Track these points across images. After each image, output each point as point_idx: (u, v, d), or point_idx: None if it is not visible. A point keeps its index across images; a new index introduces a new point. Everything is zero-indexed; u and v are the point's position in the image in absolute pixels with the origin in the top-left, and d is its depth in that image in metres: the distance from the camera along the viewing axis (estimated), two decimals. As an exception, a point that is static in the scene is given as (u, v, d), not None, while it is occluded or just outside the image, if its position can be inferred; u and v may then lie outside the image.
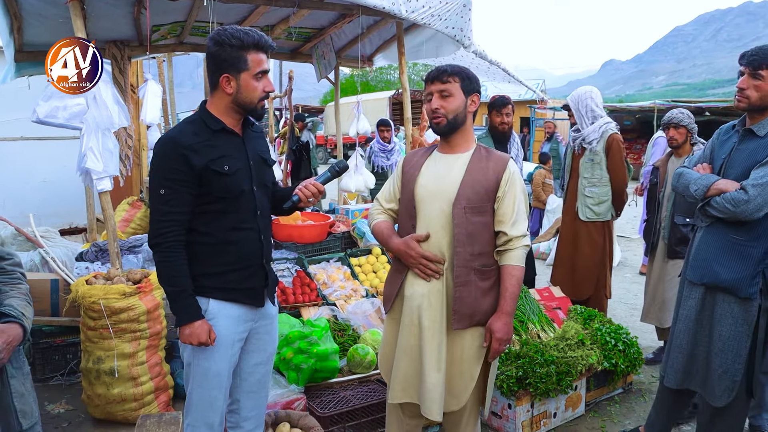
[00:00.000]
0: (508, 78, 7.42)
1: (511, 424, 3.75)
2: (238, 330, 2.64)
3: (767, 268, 2.97)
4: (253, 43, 2.46)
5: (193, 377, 2.62)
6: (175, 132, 2.53)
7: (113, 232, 4.20)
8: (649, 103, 19.79)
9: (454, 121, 2.71)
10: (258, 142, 2.73)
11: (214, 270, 2.56)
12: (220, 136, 2.54)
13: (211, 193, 2.49)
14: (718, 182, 3.00)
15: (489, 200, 2.68)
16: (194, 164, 2.43)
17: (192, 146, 2.44)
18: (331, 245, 5.55)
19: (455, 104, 2.69)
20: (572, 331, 4.18)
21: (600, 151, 4.81)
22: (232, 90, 2.49)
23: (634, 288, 7.35)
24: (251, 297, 2.66)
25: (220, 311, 2.57)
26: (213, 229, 2.54)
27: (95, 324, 3.74)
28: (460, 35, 5.29)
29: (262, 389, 2.86)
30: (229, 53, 2.45)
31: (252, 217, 2.63)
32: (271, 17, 5.81)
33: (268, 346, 2.83)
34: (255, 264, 2.66)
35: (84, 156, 4.05)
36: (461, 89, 2.70)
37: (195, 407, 2.63)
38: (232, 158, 2.54)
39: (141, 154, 7.37)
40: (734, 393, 3.03)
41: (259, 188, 2.66)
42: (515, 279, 2.68)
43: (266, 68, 2.53)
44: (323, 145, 28.18)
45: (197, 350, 2.57)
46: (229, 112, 2.56)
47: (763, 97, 2.92)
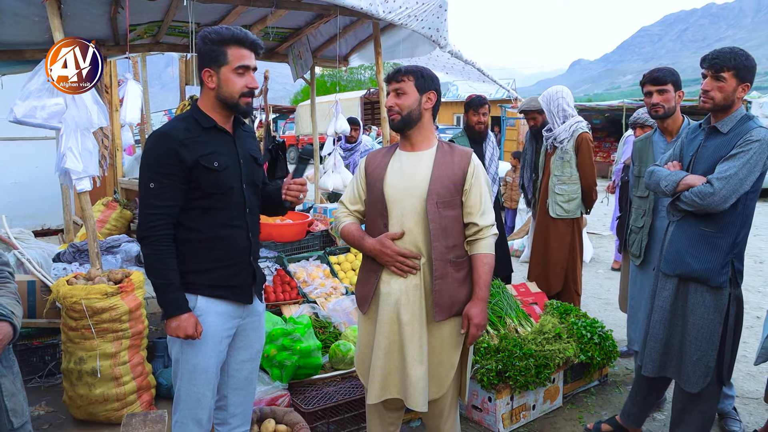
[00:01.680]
0: (482, 78, 7.51)
1: (492, 416, 3.82)
2: (226, 327, 2.67)
3: (735, 257, 3.12)
4: (232, 37, 2.51)
5: (182, 374, 2.65)
6: (167, 127, 2.58)
7: (93, 233, 4.19)
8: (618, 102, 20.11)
9: (408, 117, 2.79)
10: (248, 141, 2.77)
11: (202, 266, 2.59)
12: (211, 133, 2.58)
13: (201, 189, 2.52)
14: (687, 178, 3.13)
15: (457, 194, 2.78)
16: (184, 159, 2.47)
17: (183, 141, 2.48)
18: (310, 244, 5.59)
19: (409, 101, 2.78)
20: (549, 325, 4.28)
21: (570, 149, 4.92)
22: (214, 85, 2.55)
23: (607, 284, 7.50)
24: (239, 294, 2.69)
25: (208, 308, 2.60)
26: (202, 225, 2.57)
27: (77, 324, 3.73)
28: (436, 35, 5.35)
29: (249, 386, 2.89)
30: (210, 48, 2.51)
31: (241, 214, 2.66)
32: (248, 17, 5.81)
33: (255, 343, 2.86)
34: (243, 261, 2.69)
35: (63, 156, 4.03)
36: (415, 87, 2.79)
37: (183, 403, 2.66)
38: (222, 155, 2.58)
39: (115, 154, 7.30)
40: (708, 379, 3.16)
41: (249, 186, 2.69)
42: (488, 266, 2.79)
43: (248, 63, 2.55)
44: (295, 144, 28.12)
45: (185, 346, 2.59)
46: (216, 109, 2.60)
47: (726, 97, 3.06)
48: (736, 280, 3.15)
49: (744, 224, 3.12)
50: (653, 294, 3.40)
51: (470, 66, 6.73)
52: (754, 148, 2.97)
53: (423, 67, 2.86)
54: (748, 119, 3.09)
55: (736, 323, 3.17)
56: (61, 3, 4.22)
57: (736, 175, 2.97)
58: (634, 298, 4.13)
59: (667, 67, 3.94)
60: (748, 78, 3.04)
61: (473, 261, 2.82)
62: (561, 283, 5.12)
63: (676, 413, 3.40)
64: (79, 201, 4.15)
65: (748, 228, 3.16)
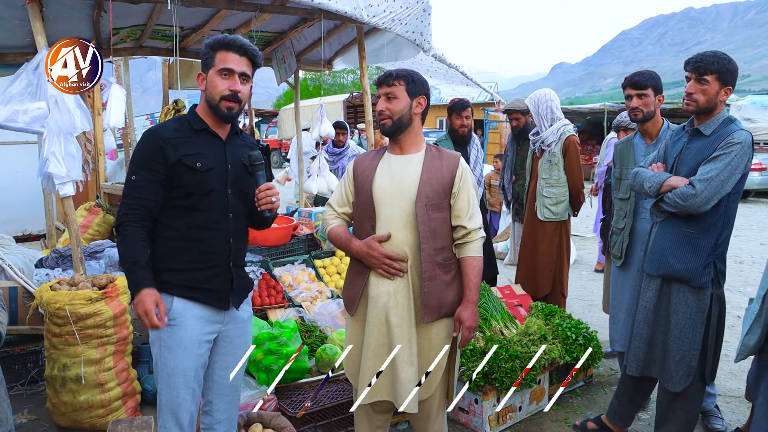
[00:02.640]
0: (466, 81, 7.55)
1: (478, 418, 3.84)
2: (204, 331, 2.65)
3: (718, 258, 3.17)
4: (222, 42, 2.57)
5: (161, 377, 2.65)
6: (158, 126, 2.65)
7: (76, 238, 4.16)
8: (599, 105, 20.28)
9: (399, 122, 2.81)
10: (243, 150, 2.75)
11: (178, 266, 2.60)
12: (201, 135, 2.62)
13: (181, 188, 2.55)
14: (670, 179, 3.17)
15: (446, 197, 2.80)
16: (168, 156, 2.51)
17: (169, 140, 2.54)
18: (295, 247, 5.58)
19: (400, 106, 2.79)
20: (534, 327, 4.30)
21: (557, 152, 4.95)
22: (204, 87, 2.62)
23: (591, 285, 7.56)
24: (215, 299, 2.66)
25: (185, 310, 2.59)
26: (180, 225, 2.58)
27: (60, 330, 3.70)
28: (420, 39, 5.38)
29: (234, 392, 2.88)
30: (204, 52, 2.60)
31: (222, 217, 2.65)
32: (232, 21, 5.81)
33: (239, 350, 2.84)
34: (221, 265, 2.68)
35: (46, 161, 3.99)
36: (406, 92, 2.80)
37: (165, 407, 2.65)
38: (207, 157, 2.59)
39: (98, 159, 7.25)
40: (691, 378, 3.20)
41: (235, 192, 2.68)
42: (477, 269, 2.82)
43: (231, 67, 2.57)
44: (278, 148, 28.05)
45: (164, 350, 2.59)
46: (209, 112, 2.64)
47: (709, 100, 3.11)
48: (718, 281, 3.20)
49: (726, 225, 3.17)
50: (637, 294, 3.45)
51: (454, 69, 6.76)
52: (735, 151, 3.02)
53: (414, 72, 2.88)
54: (731, 122, 3.14)
55: (719, 323, 3.22)
56: (43, 6, 4.20)
57: (717, 176, 3.01)
58: (616, 298, 4.17)
59: (649, 71, 3.98)
60: (730, 81, 3.09)
61: (462, 264, 2.83)
62: (549, 285, 5.15)
63: (660, 412, 3.45)
64: (62, 206, 4.11)
65: (730, 229, 3.21)
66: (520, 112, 5.49)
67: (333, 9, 4.74)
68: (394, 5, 5.01)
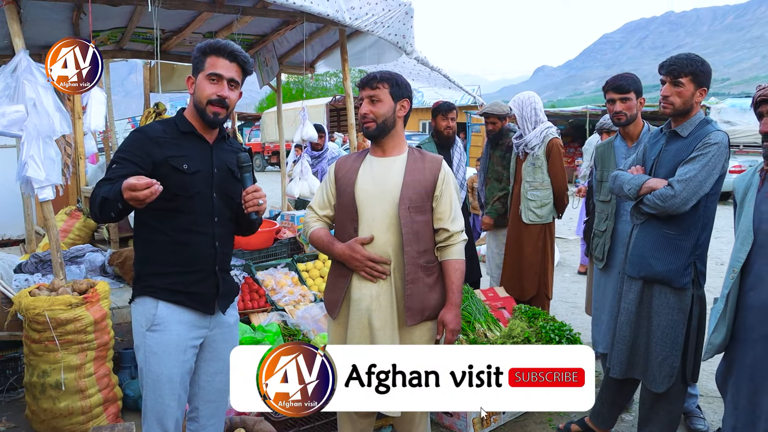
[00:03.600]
0: (448, 84, 7.57)
1: (463, 421, 3.84)
2: (190, 336, 2.63)
3: (698, 259, 3.21)
4: (214, 46, 2.56)
5: (146, 383, 2.61)
6: (145, 126, 2.65)
7: (56, 242, 4.11)
8: (581, 108, 20.46)
9: (383, 125, 2.80)
10: (230, 155, 2.72)
11: (163, 269, 2.58)
12: (189, 138, 2.60)
13: (167, 189, 2.46)
14: (649, 181, 3.19)
15: (428, 199, 2.80)
16: (152, 154, 2.51)
17: (156, 139, 2.54)
18: (277, 251, 5.55)
19: (384, 109, 2.78)
20: (518, 329, 4.30)
21: (541, 155, 4.95)
22: (193, 91, 2.60)
23: (574, 287, 7.60)
24: (200, 303, 2.64)
25: (170, 316, 2.56)
26: (166, 228, 2.56)
27: (40, 336, 3.65)
28: (403, 42, 5.38)
29: (221, 398, 2.85)
30: (195, 56, 2.58)
31: (208, 221, 2.63)
32: (214, 24, 5.78)
33: (225, 355, 2.80)
34: (207, 269, 2.65)
35: (25, 164, 3.94)
36: (390, 95, 2.80)
37: (150, 413, 2.62)
38: (194, 159, 2.57)
39: (79, 163, 7.18)
40: (673, 379, 3.23)
41: (220, 196, 2.66)
42: (459, 272, 2.82)
43: (221, 72, 2.55)
44: (261, 152, 27.97)
45: (149, 356, 2.56)
46: (195, 116, 2.62)
47: (685, 102, 3.14)
48: (698, 281, 3.23)
49: (705, 226, 3.20)
50: (619, 296, 3.46)
51: (436, 72, 6.77)
52: (712, 151, 3.05)
53: (397, 74, 2.87)
54: (707, 123, 3.18)
55: (700, 323, 3.25)
56: (20, 8, 4.15)
57: (695, 177, 3.04)
58: (598, 300, 4.19)
59: (630, 74, 4.01)
60: (704, 83, 3.13)
61: (445, 267, 2.83)
62: (535, 288, 5.13)
63: (643, 413, 3.46)
64: (41, 210, 4.06)
65: (709, 230, 3.24)
66: (498, 117, 5.43)
67: (315, 11, 4.73)
68: (377, 8, 5.02)
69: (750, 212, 2.73)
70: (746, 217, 2.75)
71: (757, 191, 2.73)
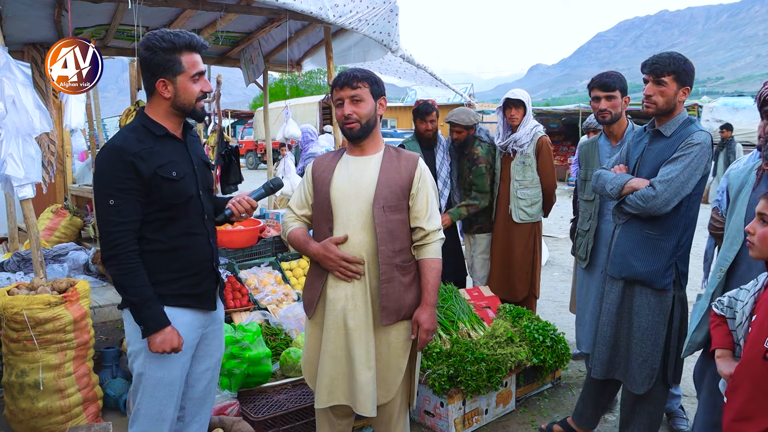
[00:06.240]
0: (435, 82, 7.55)
1: (444, 422, 3.82)
2: (191, 337, 2.63)
3: (679, 260, 3.19)
4: (185, 44, 2.46)
5: (144, 388, 2.58)
6: (118, 140, 2.47)
7: (36, 241, 4.07)
8: (574, 107, 20.44)
9: (367, 125, 2.77)
10: (197, 146, 2.73)
11: (167, 277, 2.55)
12: (165, 141, 2.53)
13: (161, 200, 2.46)
14: (631, 181, 3.18)
15: (404, 198, 2.77)
16: (142, 172, 2.40)
17: (138, 153, 2.41)
18: (261, 250, 5.53)
19: (367, 109, 2.75)
20: (501, 329, 4.29)
21: (531, 153, 4.91)
22: (170, 94, 2.49)
23: (562, 286, 7.59)
24: (204, 301, 2.66)
25: (173, 319, 2.53)
26: (164, 236, 2.52)
27: (18, 336, 3.62)
28: (388, 40, 5.36)
29: (208, 396, 2.86)
30: (162, 57, 2.43)
31: (200, 221, 2.63)
32: (197, 21, 5.75)
33: (215, 352, 2.83)
34: (206, 268, 2.67)
35: (3, 162, 3.90)
36: (371, 93, 2.77)
37: (143, 417, 2.59)
38: (179, 163, 2.54)
39: (65, 160, 7.14)
40: (654, 380, 3.21)
41: (204, 192, 2.67)
42: (435, 271, 2.79)
43: (202, 69, 2.53)
44: (254, 150, 27.94)
45: (150, 360, 2.54)
46: (169, 117, 2.55)
47: (668, 101, 3.12)
48: (680, 283, 3.21)
49: (687, 227, 3.18)
50: (601, 297, 3.45)
51: (422, 70, 6.75)
52: (695, 152, 3.03)
53: (372, 72, 2.85)
54: (690, 123, 3.16)
55: (681, 325, 3.23)
56: (1, 5, 4.11)
57: (677, 177, 3.02)
58: (581, 300, 4.18)
59: (616, 73, 3.99)
60: (687, 82, 3.11)
61: (421, 266, 2.82)
62: (527, 288, 5.08)
63: (624, 414, 3.45)
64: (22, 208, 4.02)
65: (691, 231, 3.22)
66: (464, 126, 5.02)
67: (298, 9, 4.70)
68: (361, 5, 4.99)
69: (742, 212, 2.69)
70: (738, 216, 2.72)
71: (752, 190, 2.69)
